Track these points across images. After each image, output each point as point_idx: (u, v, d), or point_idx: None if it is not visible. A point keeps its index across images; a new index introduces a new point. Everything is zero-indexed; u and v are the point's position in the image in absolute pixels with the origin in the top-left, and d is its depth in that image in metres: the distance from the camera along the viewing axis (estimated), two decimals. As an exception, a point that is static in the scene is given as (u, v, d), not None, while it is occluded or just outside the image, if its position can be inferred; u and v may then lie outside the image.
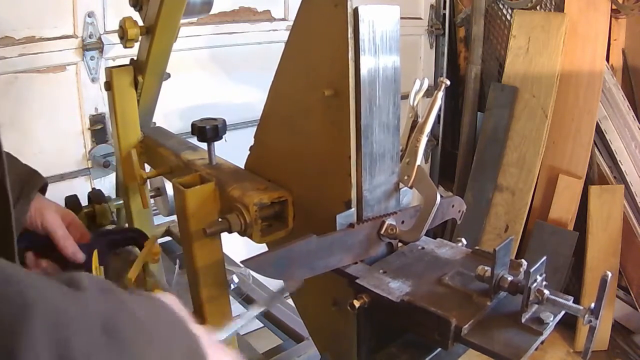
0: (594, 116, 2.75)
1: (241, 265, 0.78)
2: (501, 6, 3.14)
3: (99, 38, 2.13)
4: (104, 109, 2.21)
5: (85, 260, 1.03)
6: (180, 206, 0.87)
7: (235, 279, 1.43)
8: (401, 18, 0.77)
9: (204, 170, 1.00)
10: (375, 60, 0.76)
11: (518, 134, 2.94)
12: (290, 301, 1.22)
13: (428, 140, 0.86)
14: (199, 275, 0.90)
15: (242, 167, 1.00)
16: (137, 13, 1.20)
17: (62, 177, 2.18)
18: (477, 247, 0.85)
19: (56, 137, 2.13)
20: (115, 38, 1.34)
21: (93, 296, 0.35)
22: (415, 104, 0.85)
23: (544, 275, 0.70)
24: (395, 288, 0.75)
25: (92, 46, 2.13)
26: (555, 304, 0.68)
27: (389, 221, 0.83)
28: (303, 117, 0.83)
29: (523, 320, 0.68)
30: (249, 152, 0.99)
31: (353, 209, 0.80)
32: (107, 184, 2.25)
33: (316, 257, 0.76)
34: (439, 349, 0.80)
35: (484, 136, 3.09)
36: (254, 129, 0.95)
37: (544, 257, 0.69)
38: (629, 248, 2.81)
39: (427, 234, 0.85)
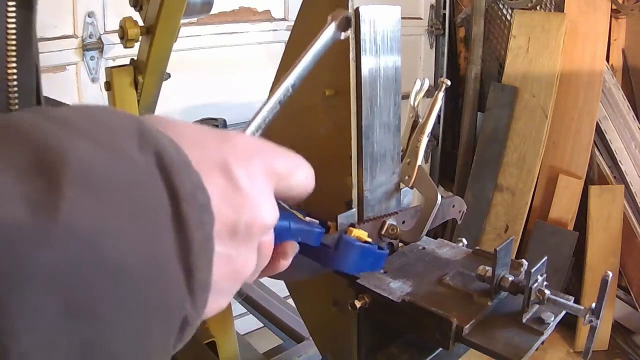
0: (594, 116, 2.75)
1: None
2: (501, 6, 3.14)
3: (99, 38, 2.13)
4: (104, 109, 2.20)
5: None
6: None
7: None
8: (401, 18, 0.77)
9: (204, 170, 1.00)
10: (376, 60, 0.76)
11: (518, 134, 2.94)
12: (290, 301, 1.22)
13: (428, 141, 0.86)
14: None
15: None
16: (137, 13, 1.20)
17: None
18: (477, 247, 0.85)
19: (56, 137, 2.13)
20: (115, 38, 1.34)
21: None
22: (415, 104, 0.85)
23: (544, 275, 0.70)
24: (396, 288, 0.75)
25: (92, 46, 2.12)
26: (556, 304, 0.68)
27: (390, 221, 0.83)
28: (304, 117, 0.83)
29: (524, 320, 0.68)
30: (249, 152, 0.98)
31: (354, 209, 0.80)
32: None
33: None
34: (440, 349, 0.80)
35: (484, 136, 3.09)
36: (255, 129, 0.94)
37: (545, 257, 0.69)
38: (629, 248, 2.81)
39: (427, 234, 0.85)
